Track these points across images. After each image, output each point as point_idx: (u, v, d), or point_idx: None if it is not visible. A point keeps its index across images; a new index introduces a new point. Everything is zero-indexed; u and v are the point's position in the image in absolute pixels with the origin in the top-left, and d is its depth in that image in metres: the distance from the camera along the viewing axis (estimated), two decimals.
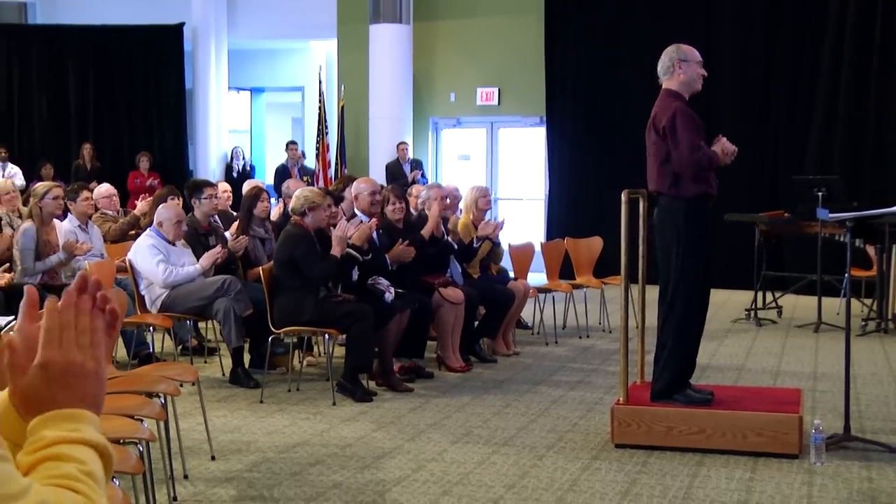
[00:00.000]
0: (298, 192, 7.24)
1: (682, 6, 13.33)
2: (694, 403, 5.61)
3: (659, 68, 5.93)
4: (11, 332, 1.44)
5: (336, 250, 6.84)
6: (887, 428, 6.08)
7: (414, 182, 13.66)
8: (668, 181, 5.68)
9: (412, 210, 8.57)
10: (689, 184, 5.62)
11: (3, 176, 13.64)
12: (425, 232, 7.69)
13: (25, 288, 1.42)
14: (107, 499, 1.30)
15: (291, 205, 7.11)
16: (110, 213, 9.51)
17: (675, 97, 5.82)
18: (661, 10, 13.44)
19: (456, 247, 8.12)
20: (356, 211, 7.57)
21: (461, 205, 8.79)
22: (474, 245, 8.26)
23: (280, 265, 6.91)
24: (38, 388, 1.34)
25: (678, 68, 5.82)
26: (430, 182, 13.04)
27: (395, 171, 14.25)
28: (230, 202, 10.17)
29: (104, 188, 9.66)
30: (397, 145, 14.66)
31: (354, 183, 7.84)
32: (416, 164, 14.74)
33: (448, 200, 8.48)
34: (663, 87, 5.92)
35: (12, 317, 5.38)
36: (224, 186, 10.10)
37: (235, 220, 8.61)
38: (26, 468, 1.28)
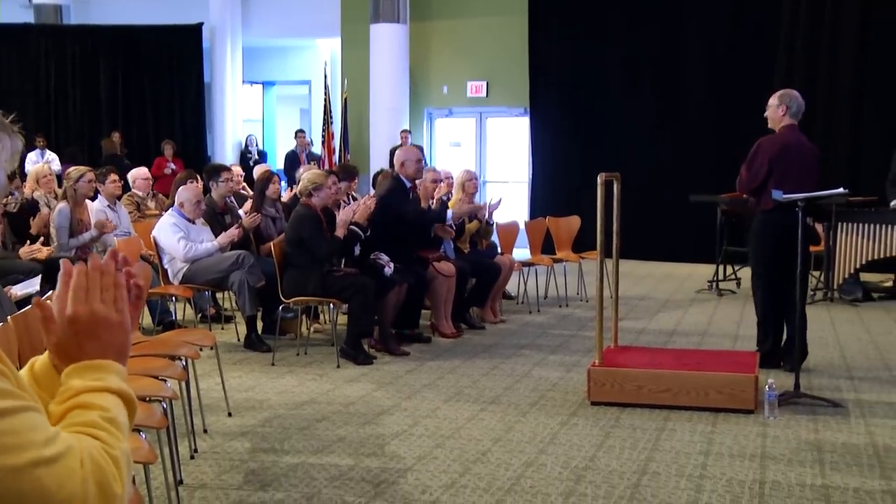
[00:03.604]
0: (304, 175, 7.22)
1: (655, 9, 13.28)
2: None
3: (796, 111, 6.42)
4: (47, 300, 1.44)
5: (339, 232, 6.84)
6: (832, 385, 6.11)
7: None
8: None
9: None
10: None
11: (42, 161, 13.56)
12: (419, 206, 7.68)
13: (62, 261, 1.42)
14: (128, 442, 1.29)
15: (298, 188, 7.08)
16: (140, 193, 9.53)
17: None
18: (635, 11, 13.39)
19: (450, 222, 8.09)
20: (410, 179, 7.46)
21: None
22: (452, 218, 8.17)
23: (291, 243, 6.89)
24: (68, 340, 1.35)
25: None
26: (427, 166, 12.99)
27: None
28: (241, 184, 10.23)
29: (142, 171, 9.91)
30: (400, 132, 14.62)
31: (398, 152, 7.76)
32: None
33: (443, 183, 8.48)
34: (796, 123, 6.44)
35: (48, 289, 5.37)
36: (237, 170, 10.17)
37: (248, 200, 8.65)
38: (57, 417, 1.28)
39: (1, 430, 1.13)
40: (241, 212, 8.26)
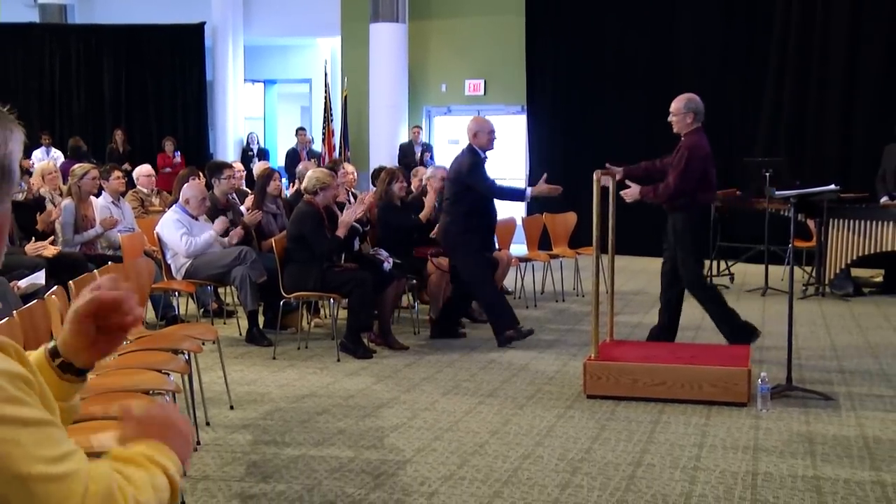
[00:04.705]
0: (310, 173, 7.20)
1: (649, 8, 13.27)
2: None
3: (701, 115, 6.62)
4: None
5: (341, 231, 6.84)
6: (823, 379, 6.12)
7: (422, 162, 13.64)
8: None
9: (412, 189, 8.58)
10: None
11: (47, 159, 13.55)
12: (423, 216, 7.78)
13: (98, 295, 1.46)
14: None
15: (304, 185, 7.05)
16: (145, 190, 9.52)
17: None
18: (631, 11, 13.38)
19: None
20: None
21: None
22: None
23: (292, 239, 6.88)
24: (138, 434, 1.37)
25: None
26: (436, 164, 13.00)
27: (407, 151, 14.28)
28: (242, 180, 10.22)
29: (145, 168, 9.88)
30: (412, 128, 14.64)
31: (470, 123, 7.65)
32: (426, 147, 14.73)
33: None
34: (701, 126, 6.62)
35: (53, 283, 5.36)
36: (238, 166, 10.14)
37: (248, 196, 8.65)
38: (114, 456, 1.29)
39: (16, 438, 1.13)
40: (242, 208, 8.26)
